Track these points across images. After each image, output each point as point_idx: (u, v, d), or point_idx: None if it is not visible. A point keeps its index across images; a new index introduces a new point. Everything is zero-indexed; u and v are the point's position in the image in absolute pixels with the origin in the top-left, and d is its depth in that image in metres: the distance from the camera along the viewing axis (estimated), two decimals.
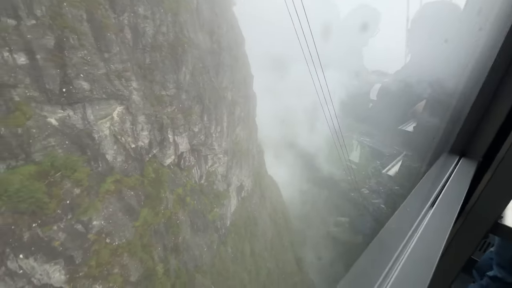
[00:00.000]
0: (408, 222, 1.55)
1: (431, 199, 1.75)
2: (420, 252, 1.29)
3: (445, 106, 38.71)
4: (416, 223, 1.52)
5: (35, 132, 10.76)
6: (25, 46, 10.28)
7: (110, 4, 14.08)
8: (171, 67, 18.44)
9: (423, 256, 1.27)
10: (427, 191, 1.94)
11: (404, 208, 1.73)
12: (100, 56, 13.37)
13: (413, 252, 1.27)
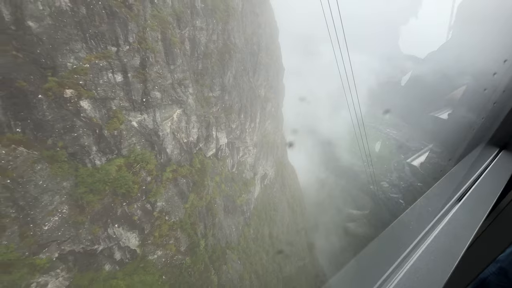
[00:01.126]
0: (428, 215, 1.43)
1: (459, 193, 1.61)
2: (441, 246, 1.18)
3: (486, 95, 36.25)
4: (438, 217, 1.39)
5: (124, 133, 14.05)
6: (122, 67, 13.20)
7: (177, 22, 16.44)
8: (218, 71, 20.83)
9: (445, 250, 1.16)
10: (454, 184, 1.79)
11: (424, 201, 1.61)
12: (168, 68, 16.10)
13: (431, 247, 1.17)
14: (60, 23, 10.77)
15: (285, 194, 44.43)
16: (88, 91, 12.09)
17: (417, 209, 1.68)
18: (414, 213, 1.66)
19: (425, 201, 1.71)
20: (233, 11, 21.86)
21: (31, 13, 9.93)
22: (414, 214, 1.66)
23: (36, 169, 10.39)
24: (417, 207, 1.68)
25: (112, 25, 12.41)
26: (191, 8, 17.47)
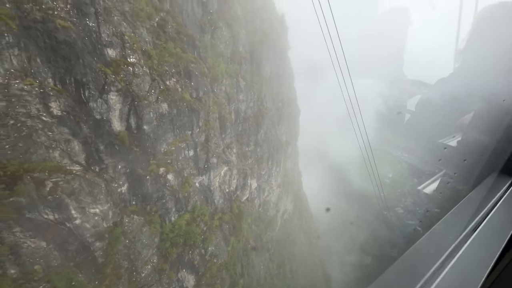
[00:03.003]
0: (442, 246, 1.35)
1: (473, 224, 1.50)
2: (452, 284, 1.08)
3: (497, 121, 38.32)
4: (451, 249, 1.30)
5: (191, 193, 18.17)
6: (193, 145, 17.69)
7: (227, 100, 21.29)
8: (253, 130, 25.37)
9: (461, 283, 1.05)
10: (468, 214, 1.69)
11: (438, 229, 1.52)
12: (221, 138, 20.62)
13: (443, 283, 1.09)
14: (160, 122, 15.42)
15: (302, 226, 47.06)
16: (172, 166, 16.45)
17: (432, 237, 1.62)
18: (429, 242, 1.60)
19: (440, 230, 1.66)
20: (264, 80, 26.97)
21: (147, 120, 14.59)
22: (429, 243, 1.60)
23: (143, 231, 14.41)
24: (433, 235, 1.62)
25: (190, 116, 17.10)
26: (236, 88, 22.44)
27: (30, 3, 9.62)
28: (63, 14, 10.65)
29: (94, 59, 11.95)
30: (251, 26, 25.72)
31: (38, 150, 10.23)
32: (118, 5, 12.86)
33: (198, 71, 17.59)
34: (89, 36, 11.75)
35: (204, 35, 20.27)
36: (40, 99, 10.08)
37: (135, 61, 13.68)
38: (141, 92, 14.03)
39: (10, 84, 9.26)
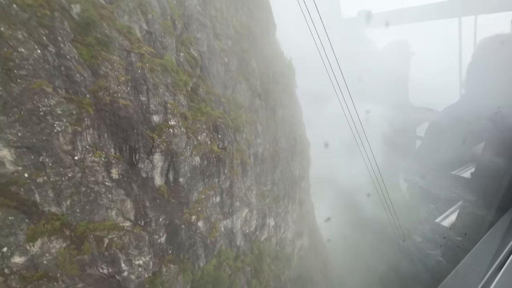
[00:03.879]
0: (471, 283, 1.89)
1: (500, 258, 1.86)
2: None
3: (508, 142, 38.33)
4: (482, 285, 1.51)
5: (218, 238, 19.23)
6: (220, 191, 19.23)
7: (247, 145, 23.26)
8: (270, 170, 26.92)
9: None
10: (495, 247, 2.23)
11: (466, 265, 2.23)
12: (243, 181, 22.17)
13: None
14: (193, 174, 17.21)
15: (317, 261, 46.02)
16: (202, 213, 17.85)
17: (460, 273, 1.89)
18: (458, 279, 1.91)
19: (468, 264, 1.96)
20: (278, 123, 29.24)
21: (182, 173, 16.40)
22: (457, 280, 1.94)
23: (178, 279, 15.36)
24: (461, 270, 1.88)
25: (217, 166, 18.92)
26: (255, 133, 24.58)
27: (102, 91, 12.07)
28: (124, 95, 13.10)
29: (144, 127, 14.19)
30: (265, 76, 28.74)
31: (100, 211, 11.93)
32: (163, 79, 15.49)
33: (224, 124, 19.84)
34: (141, 108, 14.14)
35: (226, 90, 23.00)
36: (105, 167, 12.04)
37: (175, 123, 15.94)
38: (178, 149, 16.07)
39: (85, 158, 11.29)
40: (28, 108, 9.69)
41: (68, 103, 10.72)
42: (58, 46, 10.61)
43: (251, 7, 29.78)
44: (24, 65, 9.58)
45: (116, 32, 12.90)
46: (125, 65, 13.29)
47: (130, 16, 14.12)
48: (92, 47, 11.89)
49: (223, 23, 23.53)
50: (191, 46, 18.73)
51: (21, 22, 9.66)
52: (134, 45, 13.66)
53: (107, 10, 12.96)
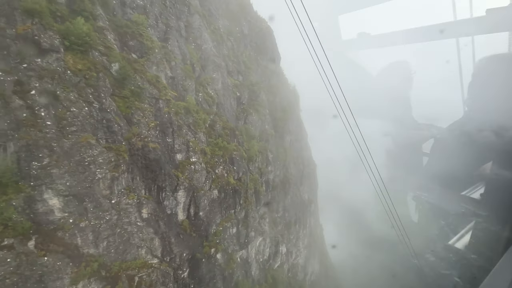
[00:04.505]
0: None
1: None
2: None
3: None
4: None
5: (235, 269, 19.60)
6: (236, 222, 19.90)
7: (259, 174, 24.19)
8: (281, 197, 27.60)
9: None
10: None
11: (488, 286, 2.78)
12: (256, 210, 22.87)
13: None
14: (212, 207, 18.04)
15: (329, 285, 44.94)
16: (220, 245, 18.43)
17: None
18: None
19: (490, 284, 2.30)
20: (287, 149, 30.37)
21: (202, 207, 17.24)
22: None
23: None
24: None
25: (234, 197, 19.77)
26: (266, 162, 25.62)
27: (135, 137, 13.35)
28: (153, 139, 14.37)
29: (169, 166, 15.32)
30: (273, 105, 30.36)
31: (132, 250, 12.71)
32: (186, 120, 16.86)
33: (239, 156, 20.97)
34: (167, 149, 15.36)
35: (239, 122, 24.42)
36: (137, 208, 13.01)
37: (196, 160, 17.08)
38: (199, 184, 17.07)
39: (120, 201, 12.30)
40: (76, 160, 10.89)
41: (107, 151, 11.94)
42: (101, 102, 12.03)
43: (258, 42, 32.12)
44: (74, 122, 10.92)
45: (147, 82, 14.46)
46: (154, 111, 14.71)
47: (158, 66, 15.79)
48: (127, 99, 13.35)
49: (234, 60, 25.51)
50: (208, 86, 20.39)
51: (73, 85, 11.14)
52: (161, 93, 15.18)
53: (139, 64, 14.61)
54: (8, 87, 9.49)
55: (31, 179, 9.84)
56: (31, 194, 9.81)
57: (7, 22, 9.57)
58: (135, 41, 14.65)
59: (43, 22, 10.35)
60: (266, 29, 34.95)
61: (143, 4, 16.15)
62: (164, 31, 17.46)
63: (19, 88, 9.77)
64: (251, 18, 32.37)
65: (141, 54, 15.08)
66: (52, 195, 10.37)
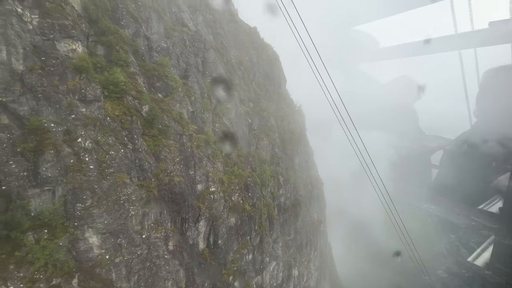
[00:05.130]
0: None
1: None
2: None
3: None
4: None
5: None
6: (252, 248, 20.43)
7: (272, 198, 24.91)
8: (293, 219, 28.11)
9: None
10: None
11: None
12: (270, 235, 23.38)
13: None
14: (229, 235, 18.70)
15: None
16: (237, 272, 18.89)
17: None
18: None
19: None
20: (296, 171, 31.20)
21: (220, 235, 17.92)
22: None
23: None
24: None
25: (249, 223, 20.45)
26: (277, 185, 26.42)
27: (162, 173, 14.36)
28: (178, 173, 15.39)
29: (192, 197, 16.21)
30: (282, 128, 31.57)
31: (160, 283, 13.36)
32: (206, 152, 17.95)
33: (253, 182, 21.85)
34: (190, 181, 16.32)
35: (251, 147, 25.50)
36: (164, 241, 13.79)
37: (215, 189, 17.98)
38: (218, 213, 17.85)
39: (150, 235, 13.12)
40: (113, 199, 11.86)
41: (139, 189, 12.92)
42: (134, 143, 13.17)
43: (266, 68, 33.90)
44: (112, 164, 12.00)
45: (172, 120, 15.68)
46: (179, 146, 15.82)
47: (181, 103, 17.10)
48: (155, 137, 14.51)
49: (245, 88, 27.02)
50: (224, 116, 21.67)
51: (111, 130, 12.33)
52: (185, 128, 16.37)
53: (165, 103, 15.92)
54: (59, 137, 10.65)
55: (75, 220, 10.76)
56: (75, 234, 10.70)
57: (60, 80, 10.89)
58: (161, 82, 16.04)
59: (88, 77, 11.69)
60: (273, 55, 36.93)
61: (166, 46, 17.73)
62: (184, 69, 18.97)
63: (68, 137, 10.92)
64: (258, 45, 34.36)
65: (166, 93, 16.43)
66: (92, 233, 11.24)
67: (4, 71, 9.56)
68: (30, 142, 9.73)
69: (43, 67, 10.47)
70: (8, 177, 9.26)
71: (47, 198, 10.31)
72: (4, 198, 9.08)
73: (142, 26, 15.90)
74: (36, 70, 10.28)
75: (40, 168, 9.89)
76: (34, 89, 10.17)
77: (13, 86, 9.69)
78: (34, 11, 10.28)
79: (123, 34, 14.57)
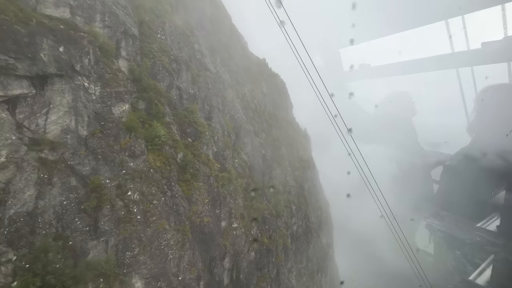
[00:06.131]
0: None
1: None
2: None
3: None
4: None
5: None
6: (270, 281, 21.38)
7: (286, 228, 26.04)
8: (305, 247, 29.08)
9: None
10: None
11: None
12: (285, 266, 24.33)
13: None
14: (250, 269, 19.74)
15: None
16: None
17: None
18: None
19: None
20: (307, 197, 32.50)
21: (242, 270, 18.97)
22: None
23: None
24: None
25: (267, 256, 21.51)
26: (290, 214, 27.64)
27: (194, 215, 15.69)
28: (207, 213, 16.71)
29: (218, 236, 17.43)
30: (291, 156, 33.17)
31: None
32: (228, 189, 19.34)
33: (269, 214, 23.11)
34: (216, 220, 17.61)
35: (264, 177, 26.94)
36: (197, 282, 14.89)
37: (237, 225, 19.23)
38: (239, 248, 19.01)
39: (185, 277, 14.26)
40: (155, 245, 13.12)
41: (176, 233, 14.21)
42: (172, 189, 14.60)
43: (275, 97, 36.01)
44: (155, 212, 13.36)
45: (201, 164, 17.21)
46: (207, 188, 17.25)
47: (207, 146, 18.70)
48: (188, 181, 15.96)
49: (258, 121, 28.84)
50: (242, 151, 23.27)
51: (154, 180, 13.79)
52: (212, 170, 17.87)
53: (195, 147, 17.50)
54: (112, 191, 12.08)
55: (125, 267, 11.97)
56: (124, 281, 11.87)
57: (114, 140, 12.46)
58: (191, 128, 17.70)
59: (137, 134, 13.30)
60: (280, 84, 39.25)
61: (193, 92, 19.57)
62: (208, 111, 20.75)
63: (120, 190, 12.36)
64: (267, 75, 36.68)
65: (195, 137, 18.05)
66: (138, 279, 12.42)
67: (73, 138, 11.12)
68: (92, 200, 11.13)
69: (102, 131, 12.06)
70: (74, 233, 10.59)
71: (101, 248, 11.58)
72: (71, 252, 10.36)
73: (174, 77, 17.76)
74: (97, 134, 11.87)
75: (99, 222, 11.24)
76: (95, 151, 11.72)
77: (79, 151, 11.22)
78: (97, 83, 12.01)
79: (160, 87, 16.37)
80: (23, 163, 9.43)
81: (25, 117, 9.89)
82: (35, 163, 9.77)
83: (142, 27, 16.32)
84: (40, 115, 10.22)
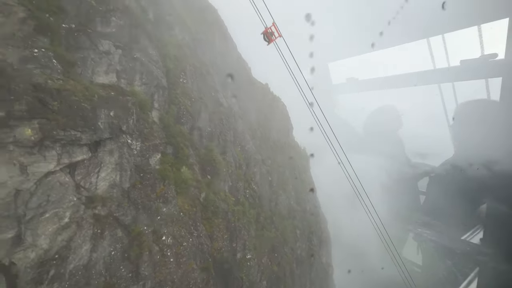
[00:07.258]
0: None
1: None
2: None
3: None
4: None
5: None
6: None
7: (292, 254, 27.56)
8: (308, 270, 30.59)
9: None
10: None
11: None
12: None
13: None
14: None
15: None
16: None
17: None
18: None
19: None
20: (309, 219, 34.19)
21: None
22: None
23: None
24: None
25: (277, 285, 22.92)
26: (295, 239, 29.22)
27: (216, 252, 17.07)
28: (225, 248, 18.11)
29: (235, 269, 18.80)
30: (294, 179, 35.00)
31: None
32: (243, 222, 20.83)
33: (278, 242, 24.65)
34: (233, 253, 19.00)
35: (271, 203, 28.52)
36: None
37: (250, 256, 20.66)
38: (253, 278, 20.39)
39: None
40: (184, 285, 14.42)
41: (201, 272, 15.56)
42: (197, 230, 16.01)
43: (277, 121, 38.02)
44: (184, 253, 14.72)
45: (220, 200, 18.71)
46: (226, 223, 18.71)
47: (224, 182, 20.25)
48: (210, 219, 17.40)
49: (265, 148, 30.64)
50: (252, 181, 24.89)
51: (183, 222, 15.19)
52: (229, 206, 19.38)
53: (214, 184, 19.02)
54: (150, 237, 13.43)
55: None
56: None
57: (151, 189, 13.89)
58: (210, 166, 19.25)
59: (170, 182, 14.77)
60: (282, 107, 41.42)
61: (210, 130, 21.21)
62: (223, 146, 22.37)
63: (155, 236, 13.71)
64: (270, 100, 38.80)
65: (213, 174, 19.58)
66: None
67: (117, 191, 12.52)
68: (135, 248, 12.46)
69: (141, 182, 13.49)
70: (119, 280, 11.86)
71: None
72: None
73: (196, 118, 19.40)
74: (137, 185, 13.29)
75: (140, 268, 12.54)
76: (136, 201, 13.11)
77: (123, 203, 12.60)
78: (138, 139, 13.51)
79: (184, 130, 17.95)
80: (82, 221, 10.77)
81: (82, 178, 11.26)
82: (91, 220, 11.11)
83: (168, 75, 17.97)
84: (93, 174, 11.61)
